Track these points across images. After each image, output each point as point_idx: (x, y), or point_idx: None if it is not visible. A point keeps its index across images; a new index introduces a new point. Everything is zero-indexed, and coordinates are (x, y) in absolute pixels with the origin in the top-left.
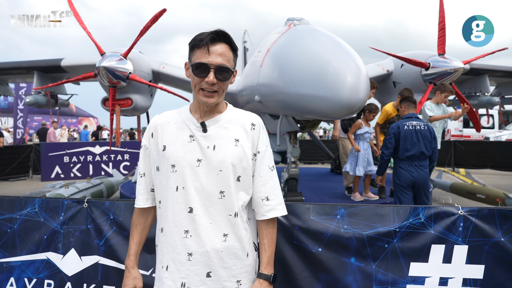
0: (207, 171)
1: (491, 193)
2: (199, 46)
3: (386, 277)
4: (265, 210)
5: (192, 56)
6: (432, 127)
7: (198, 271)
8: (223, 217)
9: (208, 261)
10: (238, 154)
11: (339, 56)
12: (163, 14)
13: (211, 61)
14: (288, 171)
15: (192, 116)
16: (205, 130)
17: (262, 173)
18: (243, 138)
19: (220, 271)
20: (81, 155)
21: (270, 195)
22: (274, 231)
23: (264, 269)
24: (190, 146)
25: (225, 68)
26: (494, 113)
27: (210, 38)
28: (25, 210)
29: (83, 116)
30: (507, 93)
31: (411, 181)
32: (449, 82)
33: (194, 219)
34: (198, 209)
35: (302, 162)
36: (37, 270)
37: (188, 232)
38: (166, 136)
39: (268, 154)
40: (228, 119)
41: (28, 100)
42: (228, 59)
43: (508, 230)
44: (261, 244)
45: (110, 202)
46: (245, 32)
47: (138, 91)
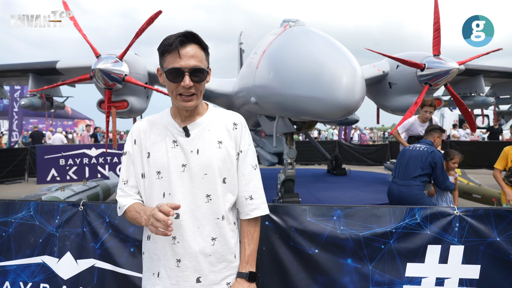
0: (192, 176)
1: (487, 193)
2: (169, 51)
3: (383, 278)
4: (249, 209)
5: (163, 62)
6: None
7: (187, 277)
8: (211, 220)
9: (197, 266)
10: (222, 156)
11: (335, 57)
12: (158, 16)
13: (184, 65)
14: (284, 172)
15: (173, 120)
16: (187, 135)
17: (245, 172)
18: (226, 138)
19: (210, 276)
20: (77, 157)
21: (254, 194)
22: (256, 229)
23: (242, 267)
24: (174, 152)
25: (199, 69)
26: (489, 113)
27: (180, 41)
28: (20, 214)
29: (79, 119)
30: (502, 94)
31: None
32: (444, 83)
33: (181, 224)
34: (184, 214)
35: (299, 163)
36: (33, 274)
37: (175, 238)
38: (149, 142)
39: (251, 153)
40: (209, 121)
41: (23, 103)
42: (201, 59)
43: (503, 230)
44: (242, 243)
45: (106, 205)
46: (241, 34)
47: (134, 93)
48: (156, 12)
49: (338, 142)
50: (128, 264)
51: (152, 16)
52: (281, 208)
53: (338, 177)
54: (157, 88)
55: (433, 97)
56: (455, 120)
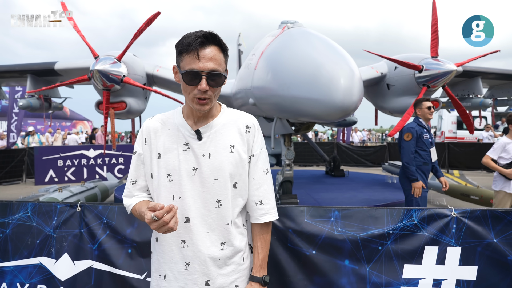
0: (203, 180)
1: (484, 195)
2: (188, 51)
3: (380, 279)
4: (259, 214)
5: (180, 61)
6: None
7: (196, 280)
8: (220, 226)
9: (206, 270)
10: (234, 161)
11: (333, 59)
12: (157, 17)
13: (202, 67)
14: (282, 173)
15: (186, 121)
16: (200, 138)
17: (256, 176)
18: (238, 142)
19: (219, 279)
20: (75, 158)
21: (264, 199)
22: (268, 234)
23: (257, 271)
24: (185, 155)
25: (217, 74)
26: (487, 115)
27: (200, 43)
28: (17, 215)
29: (77, 120)
30: (499, 95)
31: None
32: (442, 85)
33: (191, 229)
34: (194, 218)
35: (297, 164)
36: (30, 275)
37: (184, 242)
38: (160, 143)
39: (263, 157)
40: (222, 124)
41: (21, 104)
42: (220, 62)
43: (500, 231)
44: (255, 246)
45: (104, 206)
46: (239, 35)
47: (132, 94)
48: (155, 13)
49: (337, 143)
50: (126, 265)
51: (150, 17)
52: (279, 209)
53: (336, 179)
54: (155, 89)
55: (432, 99)
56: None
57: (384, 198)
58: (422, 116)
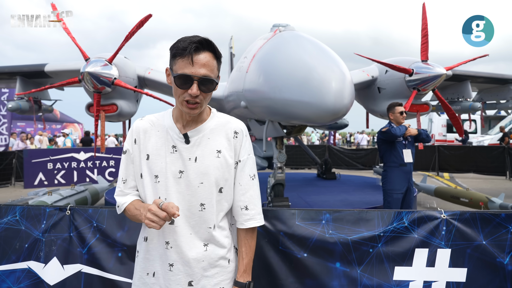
0: (189, 183)
1: (474, 197)
2: (182, 55)
3: (371, 282)
4: (244, 219)
5: (174, 64)
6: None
7: (179, 281)
8: (203, 228)
9: (190, 270)
10: (220, 166)
11: (324, 62)
12: (148, 19)
13: (195, 72)
14: (274, 176)
15: (175, 124)
16: (187, 142)
17: (242, 182)
18: (225, 147)
19: (202, 280)
20: (65, 161)
21: (250, 204)
22: (253, 239)
23: (240, 276)
24: (172, 157)
25: (208, 80)
26: (476, 118)
27: (195, 48)
28: (5, 218)
29: (67, 122)
30: (488, 99)
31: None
32: (432, 88)
33: (175, 230)
34: (179, 220)
35: (289, 167)
36: (18, 280)
37: (168, 243)
38: (149, 144)
39: (250, 162)
40: (211, 128)
41: (10, 106)
42: (212, 68)
43: (489, 233)
44: (239, 252)
45: (94, 209)
46: (231, 38)
47: (123, 97)
48: (146, 16)
49: (328, 146)
50: (116, 269)
51: (142, 19)
52: (270, 212)
53: (328, 181)
54: (146, 92)
55: (421, 102)
56: (443, 125)
57: (375, 201)
58: (395, 120)
